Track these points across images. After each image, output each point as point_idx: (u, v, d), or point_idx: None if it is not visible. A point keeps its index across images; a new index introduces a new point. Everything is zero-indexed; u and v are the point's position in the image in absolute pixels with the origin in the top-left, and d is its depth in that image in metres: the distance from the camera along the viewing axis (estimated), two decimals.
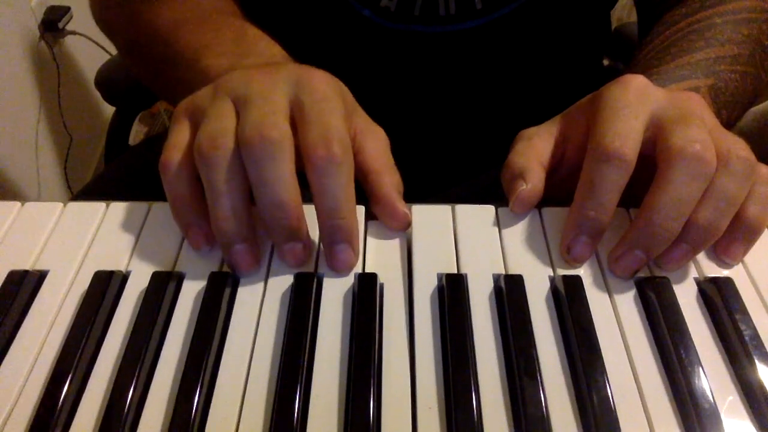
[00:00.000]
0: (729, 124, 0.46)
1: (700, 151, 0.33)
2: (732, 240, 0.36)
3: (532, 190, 0.38)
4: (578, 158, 0.37)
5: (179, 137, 0.36)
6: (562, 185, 0.39)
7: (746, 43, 0.47)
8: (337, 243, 0.35)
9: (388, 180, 0.38)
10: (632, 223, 0.35)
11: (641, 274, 0.36)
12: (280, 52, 0.45)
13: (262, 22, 0.48)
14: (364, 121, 0.39)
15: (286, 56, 0.45)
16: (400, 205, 0.38)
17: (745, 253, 0.37)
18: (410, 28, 0.54)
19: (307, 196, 0.35)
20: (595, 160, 0.35)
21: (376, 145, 0.39)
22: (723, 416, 0.29)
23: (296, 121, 0.35)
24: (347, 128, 0.35)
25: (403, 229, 0.38)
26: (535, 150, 0.39)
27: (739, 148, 0.35)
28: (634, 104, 0.36)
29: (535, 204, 0.39)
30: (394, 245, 0.38)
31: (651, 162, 0.35)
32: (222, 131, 0.34)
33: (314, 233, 0.37)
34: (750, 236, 0.36)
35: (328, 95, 0.35)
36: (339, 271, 0.36)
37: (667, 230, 0.34)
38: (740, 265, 0.37)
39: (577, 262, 0.36)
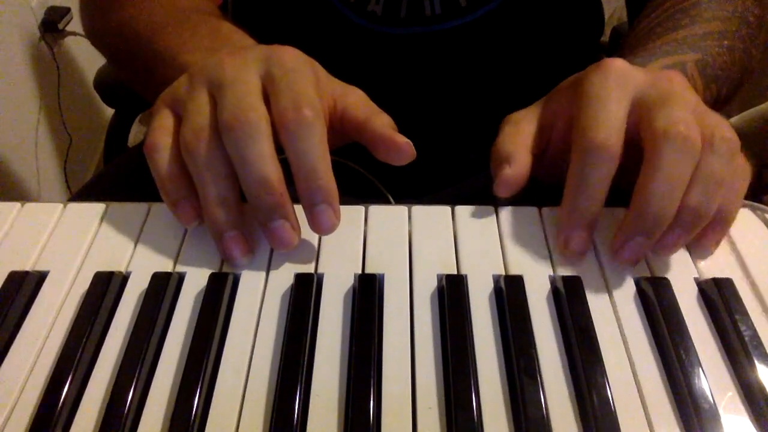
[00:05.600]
0: (720, 98, 0.47)
1: (685, 131, 0.33)
2: (705, 230, 0.36)
3: (515, 173, 0.38)
4: (564, 140, 0.38)
5: (162, 122, 0.37)
6: (549, 167, 0.40)
7: (731, 20, 0.48)
8: (316, 204, 0.34)
9: (378, 121, 0.38)
10: (628, 212, 0.35)
11: (641, 274, 0.36)
12: (253, 43, 0.45)
13: (251, 28, 0.48)
14: (339, 85, 0.40)
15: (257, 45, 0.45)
16: (398, 137, 0.37)
17: (718, 243, 0.37)
18: (397, 31, 0.54)
19: (294, 197, 0.35)
20: (581, 153, 0.35)
21: (356, 99, 0.39)
22: (723, 416, 0.29)
23: (268, 94, 0.35)
24: (318, 95, 0.36)
25: (410, 159, 0.37)
26: (521, 134, 0.40)
27: (722, 128, 0.35)
28: (614, 91, 0.36)
29: (521, 187, 0.39)
30: (394, 245, 0.38)
31: (637, 145, 0.35)
32: (204, 124, 0.35)
33: (310, 232, 0.37)
34: (721, 227, 0.36)
35: (297, 66, 0.36)
36: (322, 233, 0.36)
37: (663, 212, 0.34)
38: (740, 265, 0.37)
39: (576, 256, 0.36)
